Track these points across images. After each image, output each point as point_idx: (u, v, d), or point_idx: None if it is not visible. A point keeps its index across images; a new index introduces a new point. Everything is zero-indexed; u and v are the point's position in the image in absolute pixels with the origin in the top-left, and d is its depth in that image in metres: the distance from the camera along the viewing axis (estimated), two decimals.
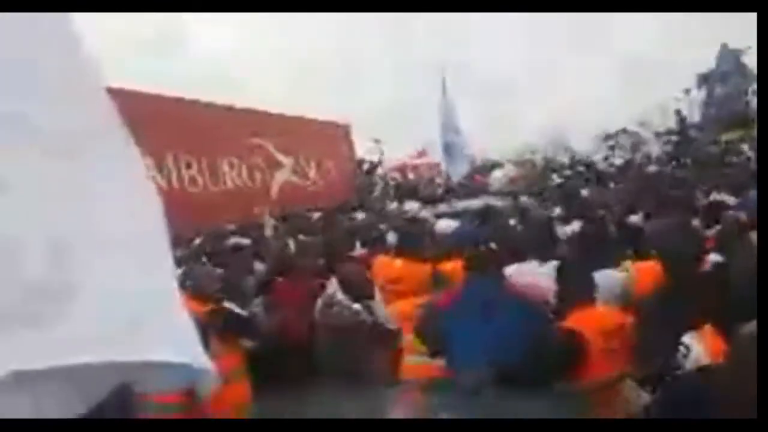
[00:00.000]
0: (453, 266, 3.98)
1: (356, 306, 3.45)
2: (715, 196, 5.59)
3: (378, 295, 3.61)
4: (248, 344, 3.41)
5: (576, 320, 2.97)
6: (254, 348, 3.42)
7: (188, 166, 4.65)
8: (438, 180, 14.27)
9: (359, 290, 3.49)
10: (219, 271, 4.13)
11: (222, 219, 5.21)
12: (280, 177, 5.87)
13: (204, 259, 5.09)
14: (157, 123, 3.68)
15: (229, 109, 5.55)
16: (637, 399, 2.66)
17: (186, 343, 0.52)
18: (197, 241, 6.51)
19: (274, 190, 5.74)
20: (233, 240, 6.71)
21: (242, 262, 4.75)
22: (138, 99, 3.77)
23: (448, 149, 10.55)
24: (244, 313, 3.65)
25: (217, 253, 5.47)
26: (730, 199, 5.27)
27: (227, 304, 3.54)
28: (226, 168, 5.19)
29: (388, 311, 3.59)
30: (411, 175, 16.74)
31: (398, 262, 4.03)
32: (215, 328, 3.13)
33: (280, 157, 5.86)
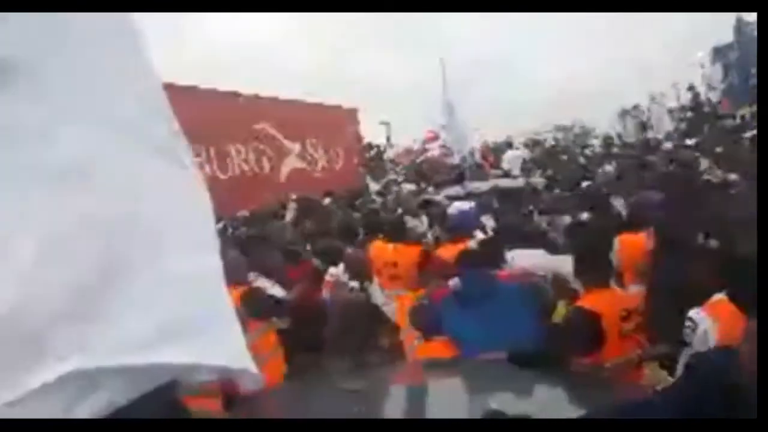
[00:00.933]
0: (446, 248, 4.26)
1: (355, 284, 3.95)
2: (712, 174, 5.52)
3: (375, 279, 4.03)
4: (281, 324, 3.58)
5: (594, 302, 2.94)
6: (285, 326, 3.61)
7: (197, 154, 4.63)
8: (449, 162, 14.18)
9: (359, 272, 3.94)
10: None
11: (232, 206, 5.19)
12: (288, 163, 5.85)
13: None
14: None
15: (235, 95, 5.51)
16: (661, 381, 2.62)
17: (234, 347, 0.53)
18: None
19: (283, 176, 5.73)
20: (244, 229, 6.76)
21: (261, 247, 4.81)
22: None
23: (451, 129, 10.57)
24: (275, 293, 3.83)
25: (233, 239, 5.51)
26: (730, 177, 5.19)
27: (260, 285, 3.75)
28: (234, 155, 5.18)
29: (383, 297, 3.97)
30: (421, 158, 16.64)
31: (391, 247, 4.31)
32: (251, 309, 3.30)
33: (287, 143, 5.83)
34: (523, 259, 3.83)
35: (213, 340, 0.51)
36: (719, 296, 2.39)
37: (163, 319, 0.48)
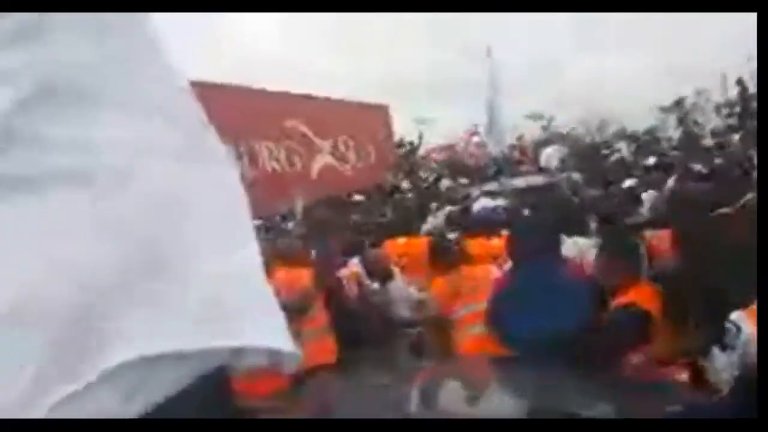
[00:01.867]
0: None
1: (376, 286, 3.99)
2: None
3: (399, 277, 4.07)
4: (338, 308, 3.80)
5: (638, 297, 2.89)
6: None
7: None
8: (486, 159, 14.07)
9: (380, 273, 3.99)
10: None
11: (262, 205, 5.21)
12: (320, 161, 5.86)
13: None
14: None
15: (266, 92, 5.53)
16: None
17: (276, 328, 0.56)
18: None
19: (314, 173, 5.73)
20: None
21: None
22: None
23: (490, 125, 10.54)
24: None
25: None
26: None
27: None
28: (264, 153, 5.21)
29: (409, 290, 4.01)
30: (457, 156, 16.55)
31: (401, 240, 4.61)
32: (319, 291, 3.59)
33: (318, 141, 5.83)
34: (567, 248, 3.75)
35: (258, 325, 0.54)
36: None
37: (204, 311, 0.50)
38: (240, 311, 0.53)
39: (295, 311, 3.52)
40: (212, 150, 0.61)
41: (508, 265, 3.60)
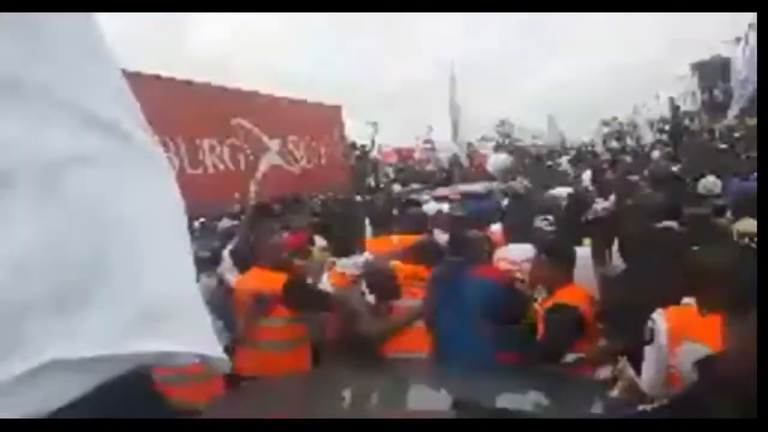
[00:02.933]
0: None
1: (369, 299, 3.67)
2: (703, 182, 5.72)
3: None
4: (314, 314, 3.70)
5: (569, 296, 3.06)
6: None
7: (164, 145, 4.46)
8: (430, 166, 14.31)
9: (384, 290, 3.68)
10: None
11: (203, 204, 5.01)
12: (267, 161, 5.70)
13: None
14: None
15: (210, 87, 5.32)
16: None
17: (204, 338, 0.57)
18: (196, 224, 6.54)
19: (260, 173, 5.56)
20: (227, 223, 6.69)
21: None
22: None
23: (454, 131, 10.87)
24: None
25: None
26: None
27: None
28: (206, 150, 5.01)
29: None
30: (410, 161, 16.73)
31: (373, 242, 4.56)
32: (291, 298, 3.44)
33: (266, 140, 5.68)
34: (513, 253, 3.86)
35: (188, 328, 0.54)
36: (687, 300, 2.43)
37: (138, 312, 0.50)
38: (169, 317, 0.53)
39: (251, 314, 3.45)
40: (148, 155, 0.60)
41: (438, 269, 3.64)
